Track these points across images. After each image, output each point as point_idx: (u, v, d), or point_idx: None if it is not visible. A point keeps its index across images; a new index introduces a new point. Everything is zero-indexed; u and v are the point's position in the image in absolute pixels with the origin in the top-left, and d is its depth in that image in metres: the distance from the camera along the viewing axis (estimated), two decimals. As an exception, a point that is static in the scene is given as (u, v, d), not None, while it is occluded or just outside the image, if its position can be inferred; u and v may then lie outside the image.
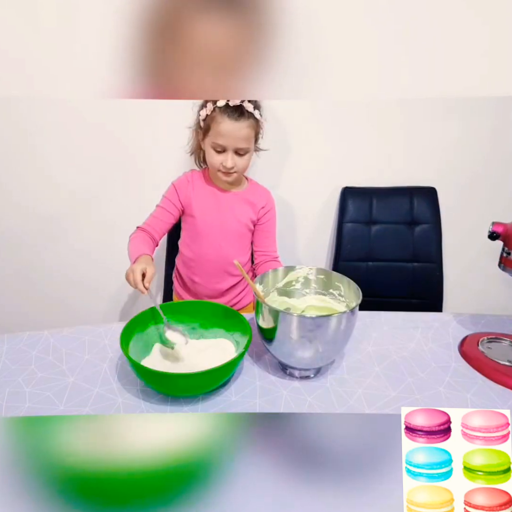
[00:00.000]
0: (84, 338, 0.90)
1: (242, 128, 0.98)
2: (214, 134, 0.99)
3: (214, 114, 0.97)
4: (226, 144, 0.99)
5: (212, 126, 0.98)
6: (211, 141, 1.00)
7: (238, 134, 0.98)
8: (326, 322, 0.73)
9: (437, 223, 1.38)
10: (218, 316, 0.88)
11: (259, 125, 1.02)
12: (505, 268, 0.85)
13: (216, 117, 0.97)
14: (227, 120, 0.96)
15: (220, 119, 0.97)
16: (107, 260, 1.49)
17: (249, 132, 0.99)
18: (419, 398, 0.76)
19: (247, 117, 0.98)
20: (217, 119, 0.97)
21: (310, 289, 0.91)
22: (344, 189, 1.40)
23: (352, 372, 0.83)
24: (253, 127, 1.00)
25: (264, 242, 1.16)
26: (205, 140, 1.03)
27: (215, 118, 0.98)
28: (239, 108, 0.97)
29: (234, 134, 0.98)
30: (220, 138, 0.98)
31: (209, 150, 1.02)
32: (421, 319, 1.01)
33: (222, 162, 1.01)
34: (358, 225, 1.38)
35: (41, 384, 0.78)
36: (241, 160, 1.02)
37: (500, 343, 0.90)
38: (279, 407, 0.74)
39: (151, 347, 0.85)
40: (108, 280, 1.52)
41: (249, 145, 1.02)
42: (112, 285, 1.53)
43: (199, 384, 0.73)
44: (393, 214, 1.38)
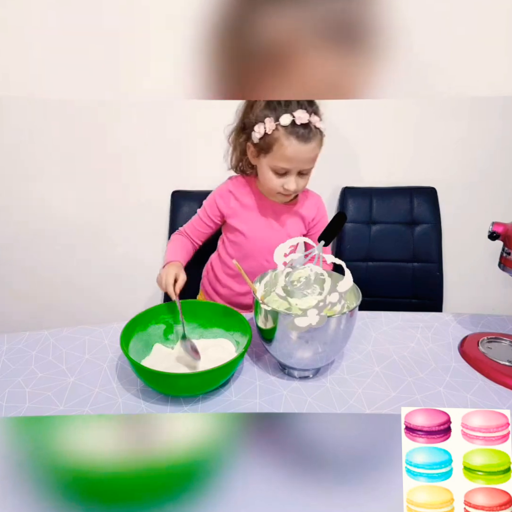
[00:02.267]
0: (84, 338, 0.90)
1: (312, 149, 0.85)
2: (277, 157, 0.85)
3: (278, 135, 0.83)
4: (291, 168, 0.86)
5: (275, 148, 0.84)
6: (273, 163, 0.87)
7: (306, 156, 0.85)
8: (326, 323, 0.73)
9: (437, 223, 1.38)
10: (218, 316, 0.88)
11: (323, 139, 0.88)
12: (505, 268, 0.85)
13: (280, 139, 0.83)
14: (295, 142, 0.82)
15: (286, 142, 0.82)
16: (107, 260, 1.49)
17: (317, 151, 0.87)
18: (419, 398, 0.76)
19: (315, 134, 0.84)
20: (282, 141, 0.83)
21: (311, 289, 0.91)
22: (344, 189, 1.40)
23: (352, 372, 0.83)
24: (320, 144, 0.87)
25: None
26: (262, 160, 0.89)
27: (279, 139, 0.83)
28: (307, 126, 0.82)
29: (303, 157, 0.85)
30: (285, 162, 0.85)
31: (267, 172, 0.89)
32: (421, 319, 1.01)
33: (283, 185, 0.89)
34: (358, 225, 1.38)
35: (41, 384, 0.78)
36: (303, 180, 0.90)
37: (500, 343, 0.90)
38: (279, 407, 0.74)
39: (151, 347, 0.85)
40: (108, 280, 1.52)
41: (314, 164, 0.89)
42: (113, 285, 1.53)
43: (199, 384, 0.73)
44: (393, 214, 1.38)
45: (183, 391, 0.75)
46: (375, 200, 1.38)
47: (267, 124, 0.83)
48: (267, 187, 0.92)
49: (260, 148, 0.87)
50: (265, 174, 0.90)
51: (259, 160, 0.90)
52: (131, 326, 0.81)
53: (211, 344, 0.87)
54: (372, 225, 1.38)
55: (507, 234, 0.84)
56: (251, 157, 0.92)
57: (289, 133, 0.82)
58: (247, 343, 0.77)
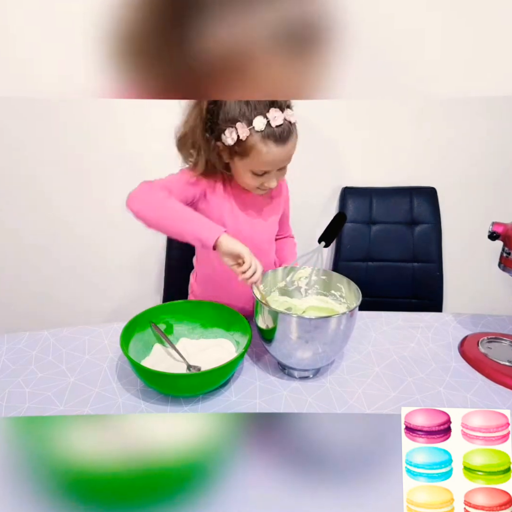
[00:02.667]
0: (84, 338, 0.90)
1: (291, 148, 0.80)
2: (255, 162, 0.79)
3: (253, 141, 0.76)
4: (271, 169, 0.82)
5: (252, 155, 0.78)
6: (250, 167, 0.81)
7: (286, 156, 0.81)
8: (325, 324, 0.73)
9: (437, 223, 1.38)
10: (218, 316, 0.88)
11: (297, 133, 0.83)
12: (505, 268, 0.85)
13: (256, 145, 0.77)
14: (273, 146, 0.77)
15: (264, 148, 0.77)
16: (107, 260, 1.49)
17: (295, 147, 0.82)
18: (419, 398, 0.76)
19: (292, 132, 0.79)
20: (260, 147, 0.77)
21: (312, 289, 0.91)
22: (344, 189, 1.40)
23: (352, 372, 0.83)
24: (297, 138, 0.82)
25: (283, 227, 1.06)
26: (236, 161, 0.82)
27: (255, 146, 0.77)
28: (283, 125, 0.77)
29: (282, 158, 0.81)
30: (265, 166, 0.80)
31: (245, 173, 0.83)
32: (421, 319, 1.01)
33: (263, 183, 0.84)
34: (358, 225, 1.38)
35: (41, 384, 0.78)
36: (282, 173, 0.86)
37: (500, 343, 0.90)
38: (279, 407, 0.74)
39: (151, 347, 0.85)
40: (108, 280, 1.52)
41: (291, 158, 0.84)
42: (113, 285, 1.53)
43: (199, 384, 0.73)
44: (393, 214, 1.38)
45: (183, 391, 0.75)
46: (375, 200, 1.38)
47: (239, 130, 0.76)
48: (246, 185, 0.87)
49: (234, 151, 0.80)
50: (242, 174, 0.84)
51: (233, 161, 0.83)
52: (131, 326, 0.81)
53: (211, 344, 0.87)
54: (372, 225, 1.38)
55: (507, 234, 0.84)
56: (226, 159, 0.84)
57: (266, 138, 0.76)
58: (247, 343, 0.77)
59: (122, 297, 1.54)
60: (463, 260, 1.49)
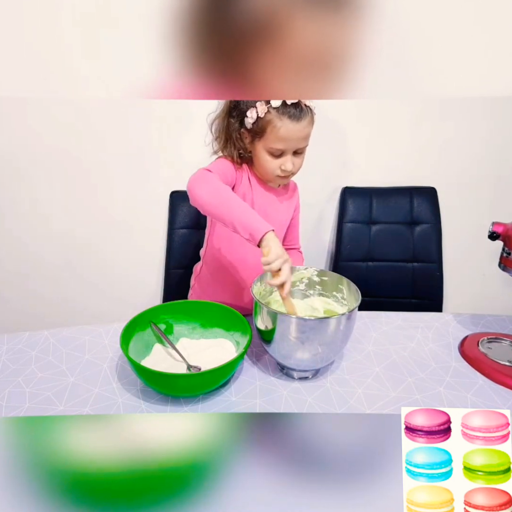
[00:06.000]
0: (84, 338, 0.90)
1: (304, 127, 0.87)
2: (272, 139, 0.87)
3: (270, 117, 0.85)
4: (287, 148, 0.88)
5: (269, 130, 0.86)
6: (268, 146, 0.88)
7: (300, 134, 0.87)
8: (324, 325, 0.73)
9: (437, 223, 1.38)
10: (218, 316, 0.88)
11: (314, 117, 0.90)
12: (505, 268, 0.85)
13: (273, 120, 0.85)
14: (288, 122, 0.84)
15: (279, 123, 0.85)
16: (107, 260, 1.49)
17: (309, 129, 0.89)
18: (419, 398, 0.76)
19: (306, 113, 0.86)
20: (275, 122, 0.85)
21: (313, 290, 0.91)
22: (344, 189, 1.40)
23: (352, 372, 0.83)
24: (312, 122, 0.89)
25: (291, 235, 1.10)
26: (256, 144, 0.90)
27: (272, 121, 0.85)
28: (298, 105, 0.85)
29: (296, 136, 0.87)
30: (280, 142, 0.87)
31: (263, 155, 0.90)
32: (421, 319, 1.01)
33: (280, 166, 0.90)
34: (358, 225, 1.38)
35: (41, 384, 0.78)
36: (298, 159, 0.92)
37: (500, 343, 0.90)
38: (279, 407, 0.74)
39: (151, 347, 0.85)
40: (108, 280, 1.52)
41: (307, 142, 0.91)
42: (113, 285, 1.53)
43: (199, 384, 0.73)
44: (393, 214, 1.38)
45: (183, 391, 0.75)
46: (375, 200, 1.38)
47: (258, 108, 0.85)
48: (265, 170, 0.93)
49: (254, 133, 0.89)
50: (261, 158, 0.91)
51: (254, 146, 0.92)
52: (131, 326, 0.81)
53: (211, 344, 0.87)
54: (372, 225, 1.38)
55: (507, 234, 0.84)
56: (247, 145, 0.93)
57: (281, 114, 0.84)
58: (247, 343, 0.77)
59: (122, 297, 1.54)
60: (463, 260, 1.49)
